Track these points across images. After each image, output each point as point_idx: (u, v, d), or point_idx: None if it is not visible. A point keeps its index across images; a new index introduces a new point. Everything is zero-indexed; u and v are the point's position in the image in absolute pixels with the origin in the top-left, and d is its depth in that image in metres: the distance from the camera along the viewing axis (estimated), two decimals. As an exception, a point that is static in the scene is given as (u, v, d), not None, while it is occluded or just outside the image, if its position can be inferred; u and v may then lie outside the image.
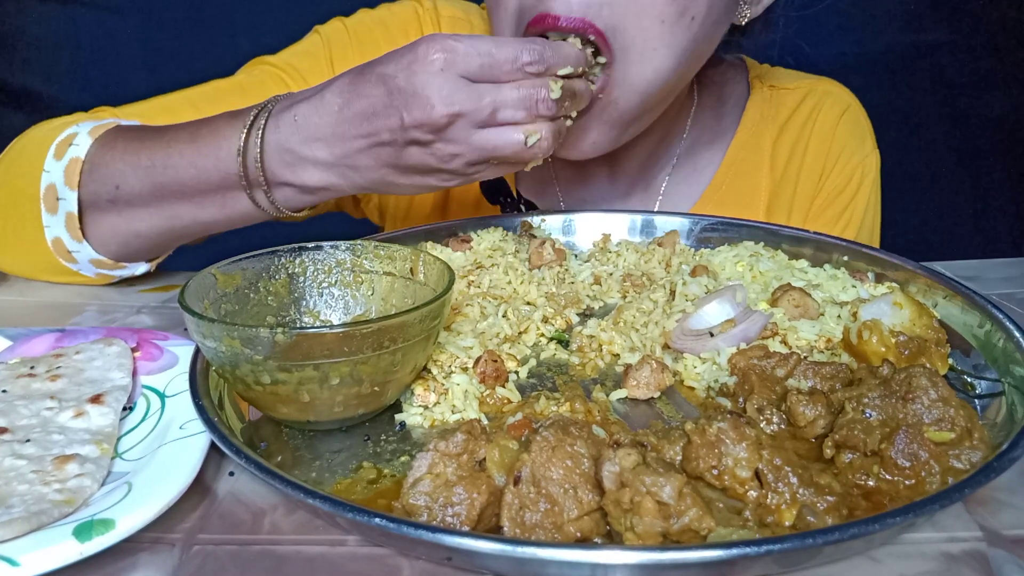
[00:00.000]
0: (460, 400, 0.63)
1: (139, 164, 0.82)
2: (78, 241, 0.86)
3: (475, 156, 0.72)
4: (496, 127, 0.71)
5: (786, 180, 1.11)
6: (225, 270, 0.64)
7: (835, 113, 1.11)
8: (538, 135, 0.72)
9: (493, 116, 0.70)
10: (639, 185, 1.11)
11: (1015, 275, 0.98)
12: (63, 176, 0.84)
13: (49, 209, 0.85)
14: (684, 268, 0.84)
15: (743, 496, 0.49)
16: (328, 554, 0.48)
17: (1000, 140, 1.87)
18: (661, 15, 0.80)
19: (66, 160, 0.84)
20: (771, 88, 1.13)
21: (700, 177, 1.11)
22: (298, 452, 0.58)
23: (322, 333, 0.55)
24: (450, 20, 1.09)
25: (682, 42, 0.83)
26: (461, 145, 0.71)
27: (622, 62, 0.82)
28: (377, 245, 0.69)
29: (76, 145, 0.85)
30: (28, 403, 0.59)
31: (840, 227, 1.11)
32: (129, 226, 0.85)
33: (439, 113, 0.68)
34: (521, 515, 0.47)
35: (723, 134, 1.12)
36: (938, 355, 0.66)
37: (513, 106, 0.70)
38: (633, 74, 0.83)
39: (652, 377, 0.65)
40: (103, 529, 0.46)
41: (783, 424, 0.57)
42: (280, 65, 1.03)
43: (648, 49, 0.82)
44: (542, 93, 0.71)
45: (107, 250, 0.87)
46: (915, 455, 0.50)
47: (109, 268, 0.89)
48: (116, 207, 0.84)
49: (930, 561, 0.48)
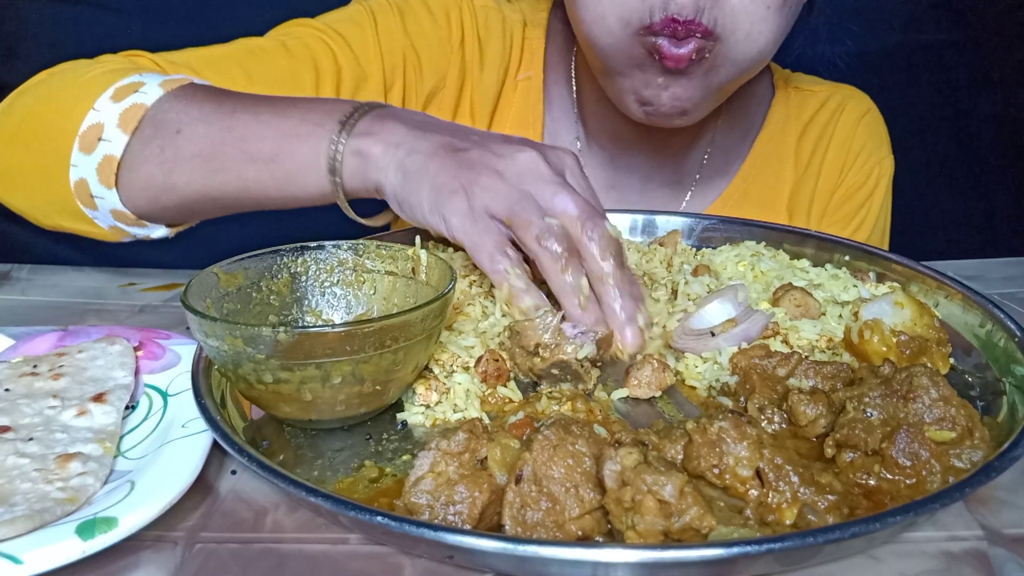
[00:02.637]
0: (462, 399, 0.63)
1: (212, 119, 0.79)
2: (108, 187, 0.80)
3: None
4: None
5: (808, 175, 1.14)
6: (227, 269, 0.64)
7: (856, 115, 1.15)
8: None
9: None
10: (671, 178, 1.13)
11: (1016, 275, 0.98)
12: (117, 118, 0.79)
13: (84, 148, 0.80)
14: (686, 268, 0.84)
15: (744, 495, 0.49)
16: (330, 552, 0.49)
17: (1002, 139, 1.86)
18: (767, 2, 0.86)
19: (126, 104, 0.80)
20: (796, 89, 1.16)
21: (728, 170, 1.14)
22: (300, 451, 0.58)
23: (324, 332, 0.55)
24: (483, 9, 1.09)
25: (781, 26, 0.90)
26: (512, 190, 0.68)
27: (729, 42, 0.87)
28: (379, 245, 0.69)
29: (143, 93, 0.81)
30: (31, 402, 0.59)
31: (855, 224, 1.13)
32: (168, 178, 0.80)
33: None
34: (523, 514, 0.47)
35: (749, 129, 1.15)
36: (939, 355, 0.66)
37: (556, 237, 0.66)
38: (738, 53, 0.89)
39: (653, 376, 0.65)
40: (105, 527, 0.46)
41: (784, 423, 0.57)
42: (323, 29, 1.00)
43: (755, 32, 0.88)
44: None
45: (133, 203, 0.82)
46: (916, 454, 0.50)
47: (128, 223, 0.84)
48: (164, 155, 0.79)
49: (931, 560, 0.48)
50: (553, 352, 0.64)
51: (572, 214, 0.66)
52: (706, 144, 1.13)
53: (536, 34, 1.12)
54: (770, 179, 1.13)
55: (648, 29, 0.86)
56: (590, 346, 0.64)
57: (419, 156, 0.71)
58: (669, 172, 1.13)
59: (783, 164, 1.13)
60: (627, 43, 0.89)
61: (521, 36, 1.12)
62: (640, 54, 0.89)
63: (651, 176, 1.13)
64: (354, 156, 0.74)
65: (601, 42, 0.91)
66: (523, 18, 1.12)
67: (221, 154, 0.78)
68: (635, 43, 0.88)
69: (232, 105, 0.80)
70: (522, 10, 1.13)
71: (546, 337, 0.64)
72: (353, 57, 1.00)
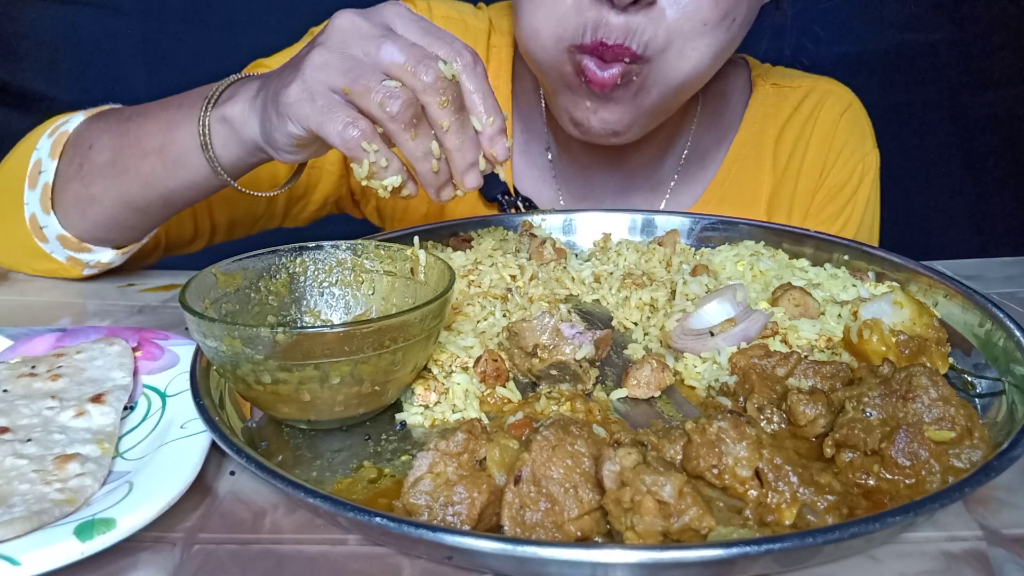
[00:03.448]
0: (461, 399, 0.63)
1: (113, 128, 0.84)
2: (47, 213, 0.87)
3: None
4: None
5: (787, 176, 1.12)
6: (226, 269, 0.64)
7: (837, 111, 1.12)
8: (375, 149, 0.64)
9: None
10: (645, 185, 1.12)
11: (1015, 274, 0.98)
12: (49, 149, 0.87)
13: (31, 185, 0.87)
14: (684, 267, 0.84)
15: (743, 495, 0.49)
16: (329, 553, 0.48)
17: (1001, 138, 1.86)
18: (704, 19, 0.85)
19: (56, 135, 0.87)
20: (774, 86, 1.14)
21: (704, 174, 1.12)
22: (299, 451, 0.58)
23: (323, 333, 0.55)
24: (444, 20, 1.09)
25: (721, 42, 0.88)
26: None
27: (658, 62, 0.87)
28: (378, 245, 0.69)
29: (68, 122, 0.89)
30: (29, 403, 0.59)
31: (840, 223, 1.12)
32: (88, 190, 0.85)
33: None
34: (522, 514, 0.47)
35: (726, 131, 1.13)
36: (938, 354, 0.66)
37: None
38: (669, 72, 0.88)
39: (652, 376, 0.65)
40: (104, 528, 0.46)
41: (783, 423, 0.57)
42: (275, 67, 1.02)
43: (687, 50, 0.87)
44: None
45: (69, 222, 0.87)
46: (915, 454, 0.50)
47: (75, 249, 0.89)
48: (82, 171, 0.85)
49: (930, 560, 0.48)
50: (552, 353, 0.64)
51: (400, 62, 0.62)
52: (681, 148, 1.12)
53: (503, 41, 1.12)
54: (748, 182, 1.11)
55: (578, 48, 0.86)
56: (588, 346, 0.64)
57: (264, 88, 0.71)
58: (643, 179, 1.12)
59: (761, 166, 1.12)
60: (559, 60, 0.89)
61: (486, 45, 1.11)
62: (568, 72, 0.89)
63: (626, 183, 1.12)
64: (220, 124, 0.75)
65: (536, 57, 0.92)
66: (488, 26, 1.12)
67: (123, 156, 0.83)
68: (565, 61, 0.89)
69: (131, 112, 0.85)
70: (489, 17, 1.13)
71: (544, 338, 0.64)
72: None
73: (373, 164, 0.64)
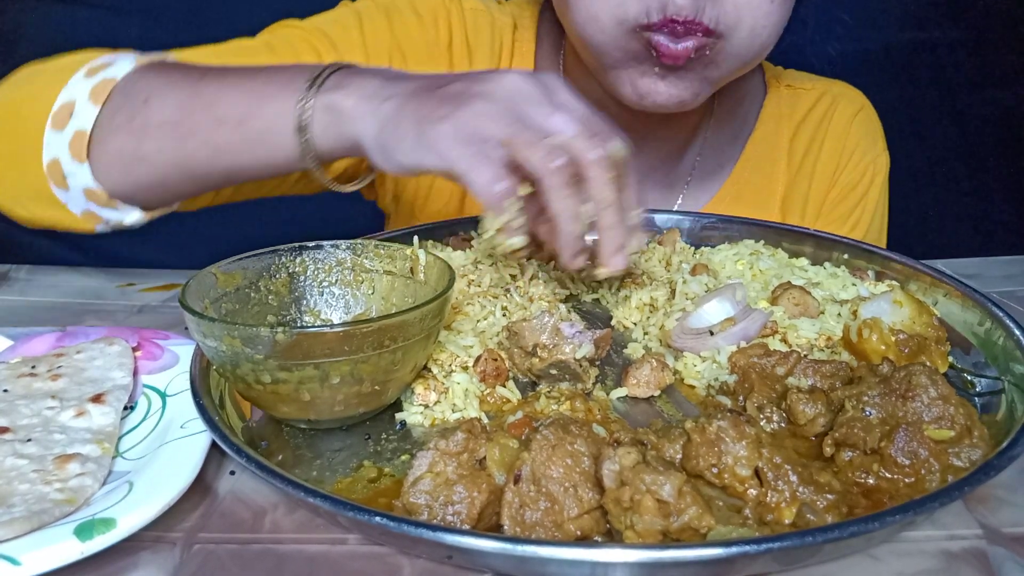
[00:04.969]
0: (460, 399, 0.63)
1: (181, 86, 0.78)
2: (79, 161, 0.79)
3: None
4: None
5: (802, 175, 1.13)
6: (225, 269, 0.64)
7: (850, 112, 1.14)
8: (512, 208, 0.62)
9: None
10: (663, 181, 1.12)
11: (1015, 273, 0.98)
12: (88, 93, 0.79)
13: (56, 125, 0.80)
14: (684, 266, 0.84)
15: (743, 494, 0.49)
16: (329, 553, 0.48)
17: (1001, 138, 1.86)
18: None
19: (97, 79, 0.80)
20: (788, 88, 1.15)
21: (721, 172, 1.13)
22: (299, 451, 0.58)
23: (323, 332, 0.55)
24: (472, 12, 1.08)
25: (783, 18, 0.90)
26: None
27: (732, 39, 0.87)
28: (377, 244, 0.69)
29: (114, 66, 0.81)
30: (29, 402, 0.59)
31: (850, 225, 1.13)
32: (138, 148, 0.79)
33: None
34: (521, 514, 0.47)
35: (742, 130, 1.14)
36: (938, 353, 0.66)
37: None
38: (742, 48, 0.89)
39: (652, 375, 0.65)
40: (104, 528, 0.46)
41: (783, 422, 0.57)
42: (309, 30, 1.00)
43: (759, 27, 0.88)
44: None
45: (106, 176, 0.80)
46: (915, 453, 0.50)
47: (100, 204, 0.82)
48: (133, 124, 0.78)
49: (930, 559, 0.48)
50: (551, 352, 0.64)
51: (570, 135, 0.63)
52: (698, 146, 1.12)
53: (526, 36, 1.11)
54: (763, 180, 1.12)
55: (644, 27, 0.85)
56: (588, 346, 0.64)
57: (396, 100, 0.68)
58: (661, 175, 1.12)
59: (776, 165, 1.13)
60: (623, 40, 0.88)
61: (511, 39, 1.11)
62: (636, 48, 0.88)
63: (642, 179, 1.11)
64: (325, 112, 0.71)
65: (595, 40, 0.90)
66: (513, 20, 1.11)
67: (190, 119, 0.77)
68: (631, 39, 0.87)
69: (200, 73, 0.79)
70: (512, 12, 1.12)
71: (544, 337, 0.64)
72: (338, 57, 0.98)
73: (510, 221, 0.62)
